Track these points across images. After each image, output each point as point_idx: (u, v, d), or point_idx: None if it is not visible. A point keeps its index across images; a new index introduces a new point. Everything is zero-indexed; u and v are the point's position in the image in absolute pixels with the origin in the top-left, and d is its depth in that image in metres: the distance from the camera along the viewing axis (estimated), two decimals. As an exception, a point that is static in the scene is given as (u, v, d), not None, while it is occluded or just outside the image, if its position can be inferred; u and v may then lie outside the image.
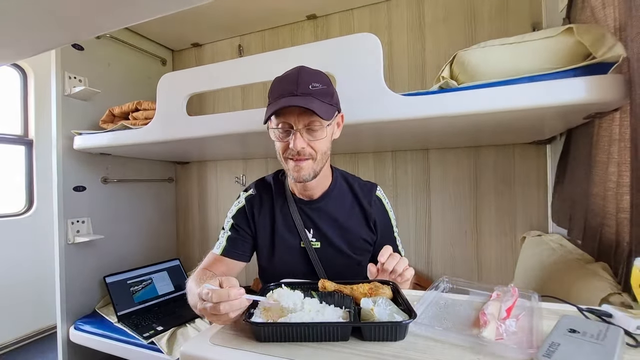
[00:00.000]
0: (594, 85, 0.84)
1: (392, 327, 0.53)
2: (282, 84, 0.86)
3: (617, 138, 0.93)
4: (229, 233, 0.98)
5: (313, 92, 0.84)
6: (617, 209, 0.91)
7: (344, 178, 1.03)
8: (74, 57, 1.75)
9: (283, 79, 0.88)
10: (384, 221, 1.00)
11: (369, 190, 1.01)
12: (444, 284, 0.79)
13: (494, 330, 0.52)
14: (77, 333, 1.64)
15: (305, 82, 0.84)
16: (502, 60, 0.98)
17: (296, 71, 0.87)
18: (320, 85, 0.86)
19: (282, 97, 0.83)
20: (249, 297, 0.61)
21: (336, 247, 0.96)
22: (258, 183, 1.04)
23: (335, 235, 0.96)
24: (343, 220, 0.97)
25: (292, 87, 0.83)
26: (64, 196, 1.69)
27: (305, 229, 0.96)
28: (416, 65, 1.70)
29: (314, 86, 0.85)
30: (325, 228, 0.96)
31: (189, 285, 0.86)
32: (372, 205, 0.99)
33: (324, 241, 0.96)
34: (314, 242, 0.96)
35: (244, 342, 0.56)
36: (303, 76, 0.85)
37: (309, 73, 0.87)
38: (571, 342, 0.45)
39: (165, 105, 1.40)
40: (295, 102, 0.80)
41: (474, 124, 1.06)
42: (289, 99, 0.82)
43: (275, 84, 0.88)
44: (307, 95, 0.83)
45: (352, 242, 0.97)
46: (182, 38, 2.21)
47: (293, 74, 0.86)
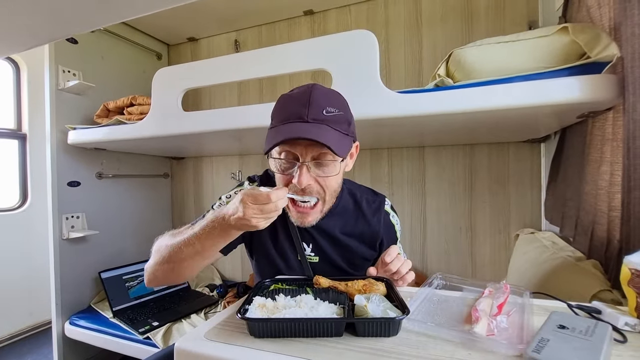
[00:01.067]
0: (588, 85, 0.85)
1: (385, 323, 0.54)
2: (290, 104, 0.73)
3: (609, 137, 0.94)
4: None
5: (327, 119, 0.71)
6: (609, 208, 0.92)
7: (351, 194, 0.92)
8: (68, 50, 1.73)
9: (292, 98, 0.74)
10: (390, 236, 0.94)
11: (377, 207, 0.92)
12: (437, 280, 0.80)
13: (486, 326, 0.53)
14: (72, 328, 1.63)
15: (318, 106, 0.71)
16: (498, 59, 0.98)
17: (308, 90, 0.73)
18: (336, 111, 0.73)
19: (289, 122, 0.71)
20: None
21: (334, 264, 0.90)
22: (264, 176, 0.93)
23: (333, 252, 0.89)
24: (344, 239, 0.89)
25: (302, 111, 0.70)
26: (58, 191, 1.67)
27: (304, 242, 0.89)
28: (413, 62, 1.70)
29: (328, 111, 0.72)
30: (324, 244, 0.89)
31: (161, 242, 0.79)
32: (380, 223, 0.91)
33: (322, 256, 0.90)
34: (311, 256, 0.90)
35: (239, 337, 0.56)
36: (316, 97, 0.72)
37: (324, 94, 0.74)
38: (560, 338, 0.46)
39: (160, 100, 1.39)
40: (304, 132, 0.68)
41: (469, 121, 1.06)
42: (298, 127, 0.69)
43: (281, 103, 0.75)
44: (319, 122, 0.70)
45: (352, 260, 0.91)
46: (178, 32, 2.19)
47: (304, 93, 0.73)
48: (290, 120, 0.71)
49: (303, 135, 0.67)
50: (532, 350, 0.43)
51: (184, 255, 0.73)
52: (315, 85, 0.75)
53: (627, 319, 0.56)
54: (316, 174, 0.74)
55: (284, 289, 0.69)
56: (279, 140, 0.69)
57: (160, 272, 0.78)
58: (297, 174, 0.72)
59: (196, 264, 0.77)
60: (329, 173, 0.75)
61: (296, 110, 0.71)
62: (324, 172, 0.74)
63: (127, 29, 2.06)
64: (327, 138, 0.68)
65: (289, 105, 0.73)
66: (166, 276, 0.79)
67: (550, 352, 0.43)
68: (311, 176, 0.73)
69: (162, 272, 0.78)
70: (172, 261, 0.75)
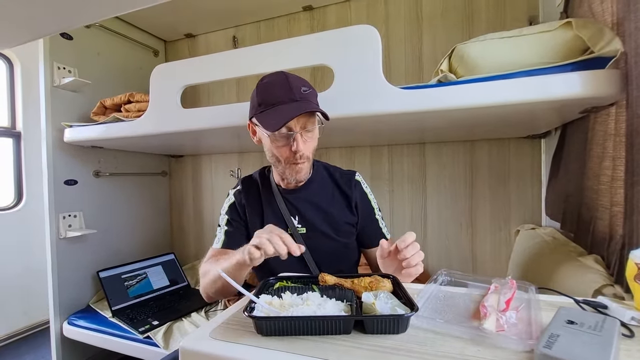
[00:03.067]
0: (591, 80, 0.84)
1: (394, 320, 0.53)
2: (274, 89, 0.87)
3: (612, 133, 0.94)
4: (225, 228, 1.03)
5: (306, 96, 0.87)
6: (611, 203, 0.92)
7: (325, 168, 1.08)
8: (63, 46, 1.70)
9: (272, 85, 0.88)
10: (364, 202, 1.04)
11: (349, 178, 1.06)
12: (442, 277, 0.80)
13: (495, 322, 0.53)
14: (70, 328, 1.62)
15: (297, 87, 0.86)
16: (501, 54, 0.97)
17: (283, 77, 0.88)
18: (309, 89, 0.89)
19: (283, 104, 0.85)
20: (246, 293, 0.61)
21: (321, 231, 0.99)
22: (244, 179, 1.09)
23: (318, 219, 1.00)
24: (325, 206, 1.01)
25: (289, 93, 0.85)
26: (54, 190, 1.65)
27: (291, 216, 1.00)
28: (413, 59, 1.69)
29: (305, 90, 0.87)
30: (309, 214, 1.00)
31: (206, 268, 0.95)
32: (352, 188, 1.03)
33: (309, 226, 1.00)
34: (299, 227, 1.00)
35: (245, 336, 0.56)
36: (292, 81, 0.87)
37: (296, 78, 0.89)
38: (570, 333, 0.46)
39: (158, 97, 1.37)
40: (304, 107, 0.83)
41: (471, 117, 1.06)
42: (296, 105, 0.84)
43: (264, 90, 0.88)
44: (304, 100, 0.86)
45: (336, 226, 1.00)
46: (175, 28, 2.16)
47: (281, 79, 0.87)
48: (284, 102, 0.85)
49: (305, 109, 0.83)
50: (543, 346, 0.43)
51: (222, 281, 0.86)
52: (284, 72, 0.90)
53: (634, 314, 0.56)
54: (304, 139, 0.88)
55: (289, 287, 0.69)
56: (290, 118, 0.82)
57: (212, 292, 0.95)
58: (296, 143, 0.86)
59: None
60: (314, 137, 0.92)
61: (284, 93, 0.85)
62: (310, 137, 0.90)
63: (123, 25, 2.03)
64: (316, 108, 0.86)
65: (275, 90, 0.86)
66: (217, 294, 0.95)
67: (562, 347, 0.42)
68: (303, 141, 0.88)
69: (214, 292, 0.94)
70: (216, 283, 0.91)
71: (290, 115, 0.82)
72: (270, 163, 0.98)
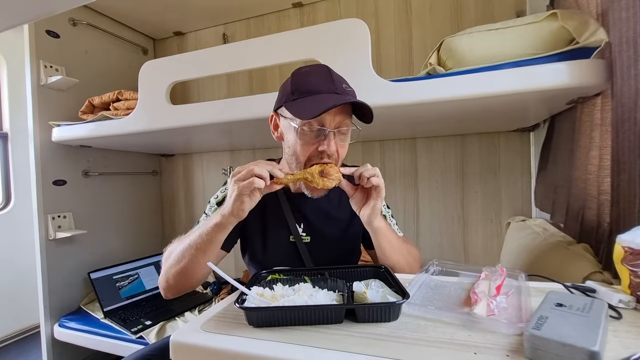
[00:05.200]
0: (577, 70, 0.86)
1: (386, 307, 0.53)
2: (313, 78, 0.76)
3: (598, 123, 0.96)
4: None
5: (348, 93, 0.77)
6: (599, 192, 0.94)
7: None
8: (49, 45, 1.67)
9: (312, 73, 0.78)
10: None
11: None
12: (433, 267, 0.80)
13: (485, 307, 0.53)
14: (62, 330, 1.59)
15: (339, 81, 0.77)
16: (488, 46, 0.98)
17: (325, 68, 0.78)
18: (350, 88, 0.79)
19: (321, 93, 0.73)
20: (237, 285, 0.61)
21: (326, 240, 0.92)
22: None
23: (325, 227, 0.92)
24: (334, 213, 0.93)
25: (330, 84, 0.75)
26: (43, 191, 1.62)
27: (296, 224, 0.92)
28: (403, 52, 1.69)
29: (347, 87, 0.78)
30: (315, 222, 0.92)
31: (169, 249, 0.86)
32: None
33: (315, 235, 0.92)
34: (304, 236, 0.92)
35: (237, 327, 0.55)
36: (335, 75, 0.77)
37: (338, 75, 0.79)
38: (559, 315, 0.46)
39: (147, 94, 1.35)
40: (348, 99, 0.73)
41: (461, 109, 1.06)
42: (335, 97, 0.73)
43: (302, 77, 0.77)
44: (345, 94, 0.76)
45: (342, 234, 0.94)
46: (164, 26, 2.13)
47: (324, 70, 0.78)
48: (322, 92, 0.73)
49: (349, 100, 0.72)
50: (532, 327, 0.43)
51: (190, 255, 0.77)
52: (325, 65, 0.80)
53: (621, 296, 0.57)
54: (337, 142, 0.76)
55: (281, 279, 0.69)
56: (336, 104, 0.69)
57: (171, 276, 0.82)
58: (327, 142, 0.74)
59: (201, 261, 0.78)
60: (347, 141, 0.79)
61: (324, 83, 0.75)
62: (343, 140, 0.78)
63: (112, 23, 2.00)
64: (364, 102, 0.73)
65: (313, 79, 0.76)
66: (177, 280, 0.82)
67: (550, 328, 0.43)
68: (335, 142, 0.76)
69: (173, 276, 0.81)
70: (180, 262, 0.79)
71: (331, 103, 0.70)
72: (289, 164, 0.82)
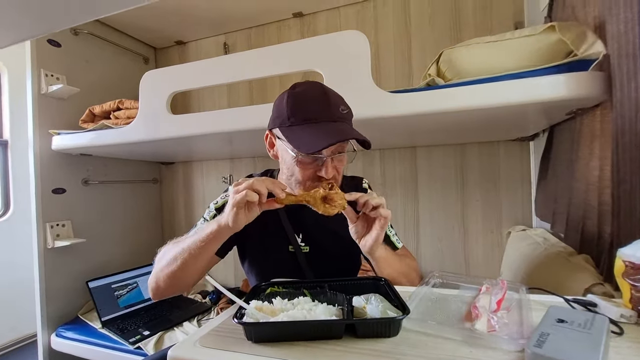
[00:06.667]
0: (576, 82, 0.86)
1: (386, 323, 0.53)
2: (310, 103, 0.76)
3: (598, 134, 0.96)
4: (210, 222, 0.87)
5: (345, 117, 0.77)
6: (599, 202, 0.94)
7: None
8: (51, 54, 1.68)
9: (307, 97, 0.77)
10: None
11: (355, 184, 0.99)
12: (434, 279, 0.79)
13: (486, 323, 0.53)
14: (59, 340, 1.58)
15: (335, 105, 0.76)
16: (487, 58, 0.99)
17: (321, 89, 0.78)
18: (347, 109, 0.79)
19: (320, 122, 0.74)
20: (236, 299, 0.60)
21: (326, 251, 0.91)
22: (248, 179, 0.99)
23: (325, 238, 0.91)
24: (334, 225, 0.89)
25: (327, 111, 0.75)
26: (42, 199, 1.62)
27: (295, 234, 0.91)
28: (402, 63, 1.71)
29: (343, 110, 0.77)
30: (315, 232, 0.91)
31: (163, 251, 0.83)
32: None
33: (314, 246, 0.91)
34: (302, 246, 0.91)
35: (235, 343, 0.54)
36: (332, 97, 0.77)
37: (334, 94, 0.79)
38: (560, 332, 0.46)
39: (148, 103, 1.36)
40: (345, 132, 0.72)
41: (460, 120, 1.07)
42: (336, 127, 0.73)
43: (297, 101, 0.76)
44: (342, 120, 0.76)
45: (343, 245, 0.90)
46: (165, 35, 2.16)
47: (319, 93, 0.77)
48: (321, 119, 0.74)
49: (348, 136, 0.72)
50: (534, 345, 0.43)
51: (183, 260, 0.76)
52: (323, 85, 0.80)
53: (623, 311, 0.57)
54: (333, 164, 0.78)
55: (280, 292, 0.68)
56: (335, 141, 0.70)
57: (162, 278, 0.80)
58: (325, 168, 0.76)
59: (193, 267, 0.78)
60: (344, 161, 0.81)
61: (321, 109, 0.75)
62: (341, 162, 0.80)
63: (113, 32, 2.02)
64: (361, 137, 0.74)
65: (311, 104, 0.76)
66: (167, 283, 0.80)
67: (552, 346, 0.42)
68: (332, 166, 0.78)
69: (163, 278, 0.80)
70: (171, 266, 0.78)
71: (331, 139, 0.70)
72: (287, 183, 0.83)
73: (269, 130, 0.84)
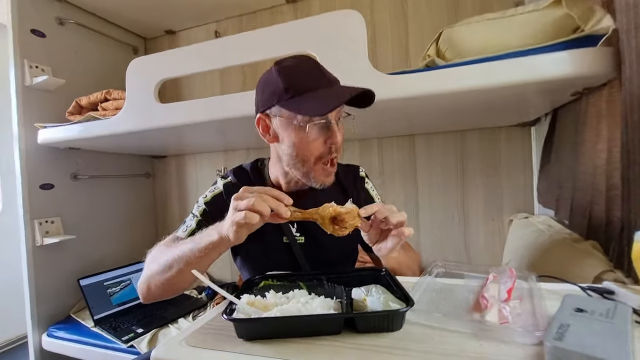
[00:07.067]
0: (583, 59, 0.82)
1: (387, 316, 0.49)
2: (306, 73, 0.74)
3: (605, 114, 0.92)
4: (199, 218, 0.86)
5: (338, 81, 0.77)
6: (607, 186, 0.90)
7: None
8: (35, 44, 1.61)
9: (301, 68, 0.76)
10: (370, 201, 0.95)
11: (352, 173, 0.96)
12: (437, 269, 0.75)
13: (497, 313, 0.49)
14: (50, 340, 1.53)
15: (328, 72, 0.76)
16: (489, 36, 0.94)
17: (312, 60, 0.78)
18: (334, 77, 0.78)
19: (323, 88, 0.72)
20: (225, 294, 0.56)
21: (321, 242, 0.88)
22: (237, 171, 0.94)
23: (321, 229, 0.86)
24: None
25: (323, 78, 0.74)
26: (29, 195, 1.56)
27: (289, 224, 0.88)
28: (399, 46, 1.64)
29: (332, 76, 0.77)
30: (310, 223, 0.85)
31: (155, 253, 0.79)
32: (357, 187, 0.94)
33: (309, 236, 0.88)
34: (297, 236, 0.88)
35: (225, 341, 0.50)
36: (322, 67, 0.77)
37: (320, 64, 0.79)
38: (580, 322, 0.42)
39: (135, 92, 1.30)
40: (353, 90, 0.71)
41: (460, 102, 1.02)
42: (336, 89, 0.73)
43: (292, 74, 0.74)
44: (338, 84, 0.76)
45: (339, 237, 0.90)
46: (155, 25, 2.08)
47: (312, 63, 0.77)
48: (318, 87, 0.72)
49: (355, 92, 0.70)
50: (553, 337, 0.38)
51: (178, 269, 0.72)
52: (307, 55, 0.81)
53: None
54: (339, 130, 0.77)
55: (274, 285, 0.64)
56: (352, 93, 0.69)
57: (154, 284, 0.77)
58: (332, 133, 0.74)
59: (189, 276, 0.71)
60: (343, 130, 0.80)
61: (319, 76, 0.74)
62: (341, 128, 0.78)
63: (100, 22, 1.94)
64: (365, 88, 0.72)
65: (307, 74, 0.74)
66: (161, 289, 0.77)
67: (574, 338, 0.38)
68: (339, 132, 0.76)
69: (157, 285, 0.76)
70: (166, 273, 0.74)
71: (341, 98, 0.69)
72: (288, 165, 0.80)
73: (261, 113, 0.80)
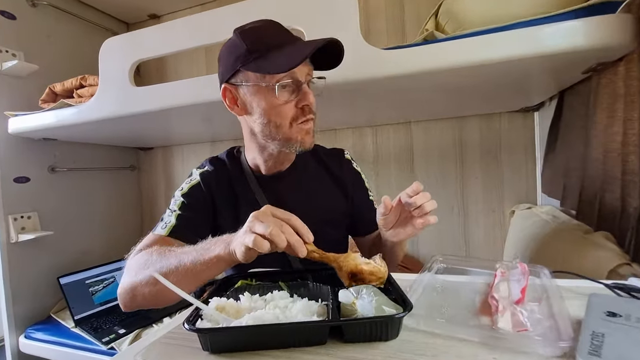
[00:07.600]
0: (599, 27, 0.73)
1: (381, 323, 0.41)
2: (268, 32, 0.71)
3: (621, 93, 0.83)
4: (179, 212, 0.79)
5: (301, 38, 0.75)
6: (623, 172, 0.82)
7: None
8: (5, 27, 1.50)
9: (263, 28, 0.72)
10: (358, 185, 0.92)
11: (337, 156, 0.92)
12: (437, 264, 0.68)
13: (511, 318, 0.41)
14: (28, 342, 1.45)
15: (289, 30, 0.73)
16: (494, 6, 0.85)
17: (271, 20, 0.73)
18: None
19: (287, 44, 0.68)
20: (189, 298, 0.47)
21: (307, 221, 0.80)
22: (212, 160, 0.88)
23: (304, 211, 0.76)
24: (314, 195, 0.85)
25: (285, 35, 0.71)
26: (2, 189, 1.47)
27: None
28: (395, 24, 1.54)
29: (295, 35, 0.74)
30: (292, 204, 0.77)
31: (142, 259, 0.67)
32: (342, 170, 0.89)
33: None
34: None
35: (188, 354, 0.42)
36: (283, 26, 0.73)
37: None
38: (617, 330, 0.34)
39: (109, 76, 1.20)
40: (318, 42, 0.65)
41: (461, 80, 0.93)
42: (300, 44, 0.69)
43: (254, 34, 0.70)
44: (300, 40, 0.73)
45: (327, 218, 0.84)
46: (138, 9, 1.96)
47: (272, 22, 0.73)
48: (283, 45, 0.68)
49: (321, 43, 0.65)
50: (588, 352, 0.30)
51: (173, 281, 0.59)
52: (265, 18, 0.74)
53: (679, 297, 0.45)
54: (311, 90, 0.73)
55: (252, 286, 0.55)
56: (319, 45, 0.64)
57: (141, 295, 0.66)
58: (304, 95, 0.70)
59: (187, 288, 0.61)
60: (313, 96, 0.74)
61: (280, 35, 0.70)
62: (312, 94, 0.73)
63: (77, 4, 1.82)
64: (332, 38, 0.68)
65: (270, 32, 0.70)
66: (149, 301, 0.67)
67: (613, 351, 0.30)
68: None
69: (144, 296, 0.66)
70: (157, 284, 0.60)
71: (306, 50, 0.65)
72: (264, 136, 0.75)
73: (226, 83, 0.73)
